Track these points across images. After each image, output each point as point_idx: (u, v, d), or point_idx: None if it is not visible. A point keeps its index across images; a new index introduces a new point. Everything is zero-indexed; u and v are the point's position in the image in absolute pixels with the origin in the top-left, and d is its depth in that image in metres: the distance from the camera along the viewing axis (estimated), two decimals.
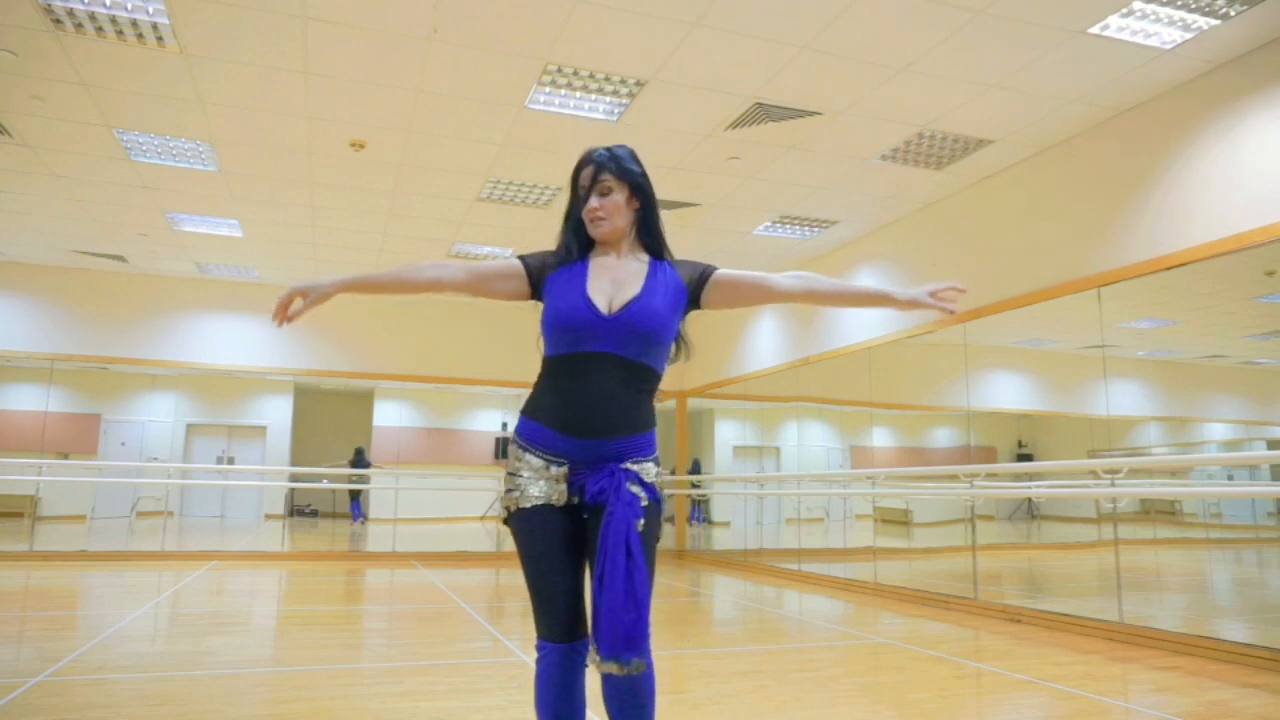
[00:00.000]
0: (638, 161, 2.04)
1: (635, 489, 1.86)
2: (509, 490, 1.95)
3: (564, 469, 1.90)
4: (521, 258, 2.03)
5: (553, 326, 1.93)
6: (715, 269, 2.03)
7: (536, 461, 1.92)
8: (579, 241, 2.03)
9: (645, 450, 1.94)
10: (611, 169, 1.98)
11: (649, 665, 1.81)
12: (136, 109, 5.71)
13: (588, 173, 1.99)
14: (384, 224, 8.02)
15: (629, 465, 1.90)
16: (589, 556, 1.91)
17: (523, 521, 1.91)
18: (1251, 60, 4.71)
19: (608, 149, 2.02)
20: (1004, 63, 4.92)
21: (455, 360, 10.98)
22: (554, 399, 1.92)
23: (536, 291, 2.01)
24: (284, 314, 1.93)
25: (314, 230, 8.24)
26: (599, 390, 1.88)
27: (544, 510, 1.90)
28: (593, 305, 1.91)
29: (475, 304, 11.04)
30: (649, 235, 2.05)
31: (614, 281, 1.96)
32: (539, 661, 1.91)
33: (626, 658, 1.75)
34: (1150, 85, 5.12)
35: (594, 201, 1.97)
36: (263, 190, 7.20)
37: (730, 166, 6.44)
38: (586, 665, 1.89)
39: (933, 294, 2.02)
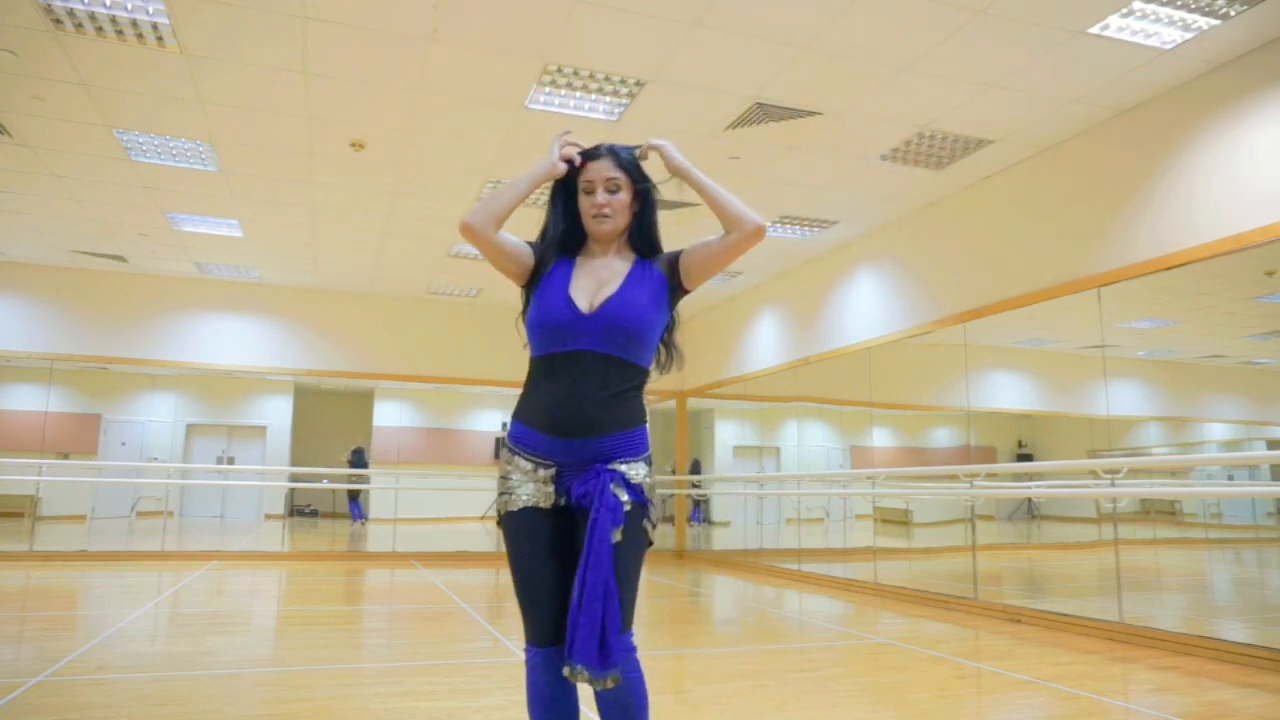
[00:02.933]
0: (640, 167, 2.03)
1: (619, 491, 1.82)
2: (500, 493, 1.95)
3: (551, 471, 1.89)
4: (531, 245, 2.02)
5: (535, 327, 1.91)
6: (684, 249, 2.01)
7: (526, 464, 1.91)
8: (568, 229, 2.00)
9: (635, 450, 1.89)
10: (624, 168, 1.97)
11: (629, 678, 1.78)
12: (136, 109, 5.71)
13: (599, 167, 1.96)
14: (384, 224, 8.02)
15: (617, 466, 1.86)
16: (576, 561, 1.87)
17: (511, 524, 1.90)
18: (1251, 60, 4.71)
19: (615, 148, 2.00)
20: (1004, 63, 4.92)
21: (455, 360, 10.97)
22: (538, 400, 1.90)
23: (531, 280, 1.99)
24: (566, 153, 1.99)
25: (314, 230, 8.24)
26: (581, 388, 1.85)
27: (531, 513, 1.89)
28: (573, 304, 1.89)
29: (475, 304, 11.05)
30: (642, 239, 2.02)
31: (596, 280, 1.94)
32: (527, 668, 1.89)
33: (600, 672, 1.71)
34: (1150, 85, 5.12)
35: (601, 198, 1.95)
36: (263, 190, 7.20)
37: (730, 166, 6.44)
38: None
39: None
